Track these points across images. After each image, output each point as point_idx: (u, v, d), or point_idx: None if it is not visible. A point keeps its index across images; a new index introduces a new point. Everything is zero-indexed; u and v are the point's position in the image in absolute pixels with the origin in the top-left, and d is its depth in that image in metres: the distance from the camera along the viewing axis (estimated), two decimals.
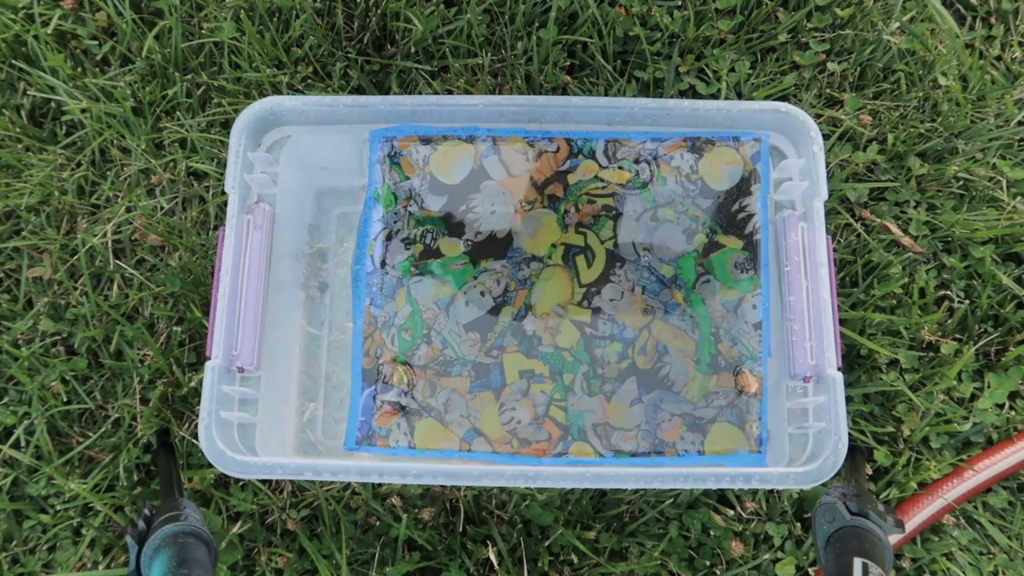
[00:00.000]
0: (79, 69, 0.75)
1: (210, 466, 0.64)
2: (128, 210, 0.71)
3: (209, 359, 0.55)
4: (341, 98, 0.58)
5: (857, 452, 0.59)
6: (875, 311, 0.70)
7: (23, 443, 0.66)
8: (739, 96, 0.75)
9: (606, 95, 0.75)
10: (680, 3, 0.76)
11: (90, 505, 0.65)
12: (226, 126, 0.73)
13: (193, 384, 0.67)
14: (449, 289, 0.66)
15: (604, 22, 0.75)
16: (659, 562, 0.64)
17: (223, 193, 0.71)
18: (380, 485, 0.65)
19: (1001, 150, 0.75)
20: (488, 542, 0.64)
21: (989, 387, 0.69)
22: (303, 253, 0.67)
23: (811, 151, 0.59)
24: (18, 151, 0.73)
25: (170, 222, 0.71)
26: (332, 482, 0.65)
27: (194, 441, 0.66)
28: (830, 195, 0.70)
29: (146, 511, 0.51)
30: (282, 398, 0.63)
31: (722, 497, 0.66)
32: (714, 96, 0.75)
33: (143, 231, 0.71)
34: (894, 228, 0.72)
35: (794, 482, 0.53)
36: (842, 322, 0.68)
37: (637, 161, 0.64)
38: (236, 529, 0.64)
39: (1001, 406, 0.69)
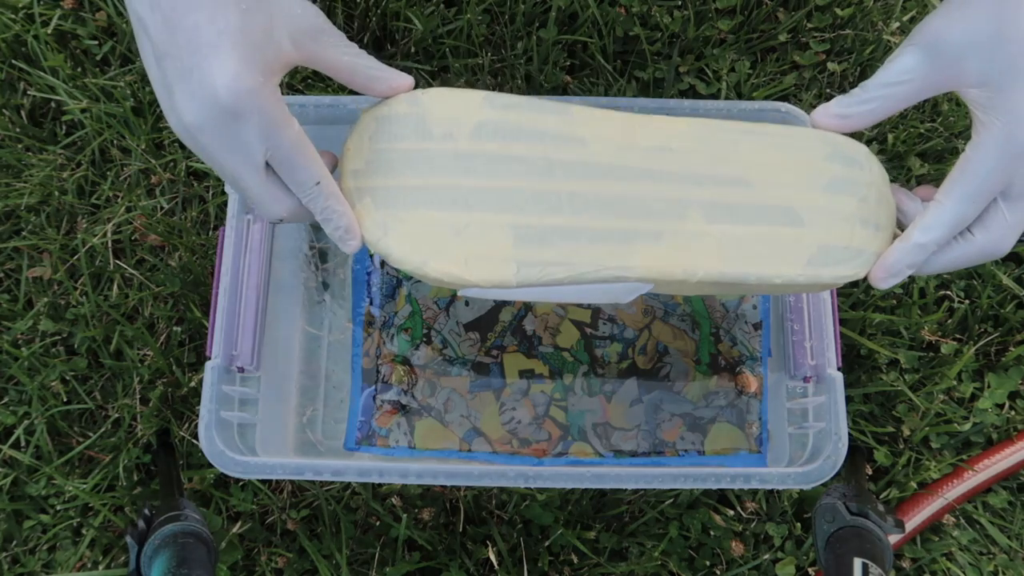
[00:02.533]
0: (79, 69, 0.75)
1: (210, 466, 0.64)
2: (128, 210, 0.71)
3: (209, 359, 0.55)
4: (342, 98, 0.58)
5: (857, 452, 0.59)
6: (875, 311, 0.70)
7: (23, 443, 0.66)
8: (739, 96, 0.75)
9: (606, 95, 0.75)
10: (680, 3, 0.76)
11: (90, 505, 0.65)
12: None
13: (193, 384, 0.67)
14: (449, 289, 0.66)
15: (604, 22, 0.75)
16: (659, 562, 0.64)
17: (223, 193, 0.71)
18: (380, 485, 0.65)
19: None
20: (488, 542, 0.64)
21: (989, 387, 0.69)
22: (303, 253, 0.67)
23: None
24: (18, 151, 0.73)
25: (170, 222, 0.71)
26: (332, 482, 0.65)
27: (194, 441, 0.66)
28: None
29: (146, 511, 0.51)
30: (282, 398, 0.63)
31: (722, 497, 0.66)
32: (714, 96, 0.75)
33: (143, 231, 0.71)
34: None
35: (794, 482, 0.53)
36: (842, 322, 0.68)
37: None
38: (236, 529, 0.64)
39: (1001, 406, 0.69)
